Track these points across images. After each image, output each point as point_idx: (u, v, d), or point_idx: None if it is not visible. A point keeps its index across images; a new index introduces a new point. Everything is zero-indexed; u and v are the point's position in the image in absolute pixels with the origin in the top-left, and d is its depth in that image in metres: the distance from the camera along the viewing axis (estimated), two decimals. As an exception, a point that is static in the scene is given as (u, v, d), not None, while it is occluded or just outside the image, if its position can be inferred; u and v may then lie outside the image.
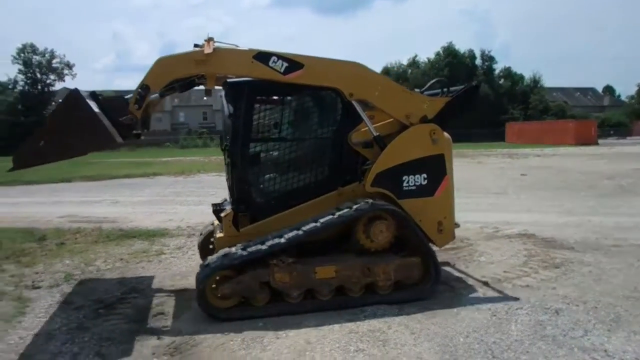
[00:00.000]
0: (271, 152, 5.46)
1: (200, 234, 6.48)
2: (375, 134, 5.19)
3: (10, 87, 57.57)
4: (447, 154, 5.32)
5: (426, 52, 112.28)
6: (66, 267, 6.66)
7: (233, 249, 4.72)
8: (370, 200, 4.90)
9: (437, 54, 66.71)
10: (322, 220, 4.80)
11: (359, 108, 5.17)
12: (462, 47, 71.36)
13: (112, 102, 5.03)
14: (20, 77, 57.72)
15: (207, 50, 4.78)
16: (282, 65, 4.91)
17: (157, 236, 8.46)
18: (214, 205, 5.93)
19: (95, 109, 4.62)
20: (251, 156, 5.25)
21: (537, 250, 6.83)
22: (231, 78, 5.27)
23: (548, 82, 72.84)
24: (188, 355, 3.95)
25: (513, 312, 4.60)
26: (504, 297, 4.99)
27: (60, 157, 4.87)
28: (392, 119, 5.29)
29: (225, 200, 5.91)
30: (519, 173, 17.58)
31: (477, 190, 13.50)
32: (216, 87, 5.40)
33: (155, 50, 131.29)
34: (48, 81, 59.22)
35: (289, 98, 5.33)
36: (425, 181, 5.17)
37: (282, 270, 4.69)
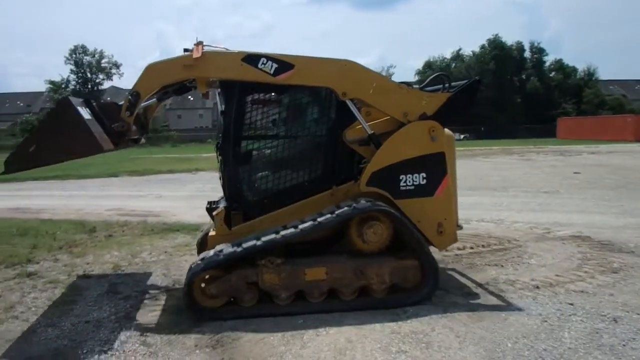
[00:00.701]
0: (263, 150, 5.40)
1: (201, 231, 6.45)
2: (369, 132, 5.04)
3: (63, 86, 60.74)
4: (448, 152, 5.12)
5: (471, 45, 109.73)
6: (114, 258, 6.94)
7: (211, 251, 4.67)
8: (353, 204, 4.69)
9: (483, 47, 65.18)
10: (302, 226, 4.63)
11: (352, 106, 5.03)
12: (509, 39, 69.32)
13: (106, 108, 5.10)
14: (72, 76, 61.08)
15: (196, 54, 4.78)
16: (272, 66, 4.84)
17: (198, 230, 8.63)
18: (209, 203, 5.94)
19: (87, 116, 4.71)
20: (243, 154, 5.22)
21: (593, 253, 6.52)
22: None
23: (604, 74, 69.73)
24: (230, 349, 4.01)
25: (566, 318, 4.41)
26: (557, 302, 4.79)
27: (49, 162, 5.00)
28: (389, 117, 5.16)
29: (222, 198, 5.84)
30: (571, 171, 16.91)
31: (525, 188, 13.08)
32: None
33: None
34: (97, 80, 62.22)
35: (281, 95, 5.26)
36: (424, 181, 4.98)
37: (270, 271, 4.62)
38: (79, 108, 4.60)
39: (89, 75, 60.67)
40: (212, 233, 5.24)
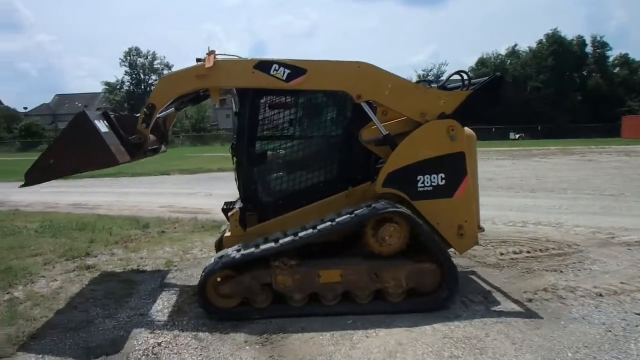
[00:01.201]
0: (278, 151, 5.39)
1: (220, 232, 6.51)
2: (384, 132, 4.95)
3: (118, 87, 63.82)
4: (469, 152, 4.97)
5: (527, 41, 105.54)
6: (167, 254, 7.19)
7: (228, 250, 4.73)
8: (372, 204, 4.63)
9: (540, 42, 62.76)
10: (320, 227, 4.59)
11: (367, 108, 4.97)
12: (569, 33, 66.37)
13: (124, 120, 5.27)
14: (127, 78, 64.05)
15: (208, 64, 4.83)
16: (284, 72, 4.83)
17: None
18: (226, 203, 6.00)
19: (104, 128, 4.87)
20: (257, 155, 5.24)
21: (662, 260, 6.17)
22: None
23: (677, 69, 65.12)
24: (279, 347, 4.07)
25: (632, 328, 4.19)
26: (622, 312, 4.56)
27: (66, 174, 5.21)
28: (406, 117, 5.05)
29: (238, 199, 5.85)
30: (638, 172, 16.04)
31: (587, 191, 12.52)
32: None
33: (244, 47, 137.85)
34: (150, 81, 64.84)
35: (296, 95, 5.21)
36: (443, 181, 4.85)
37: (284, 273, 4.61)
38: (96, 121, 4.78)
39: (142, 76, 63.52)
40: (227, 234, 5.33)
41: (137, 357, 3.94)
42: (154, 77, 64.68)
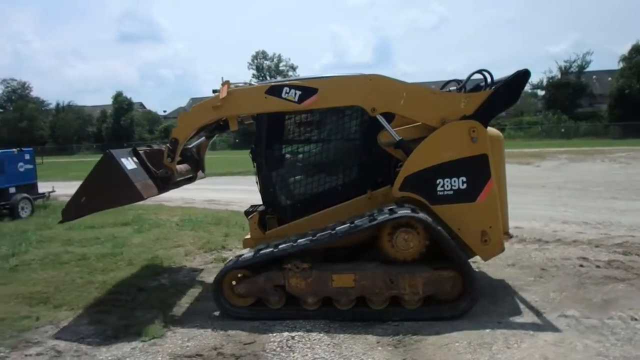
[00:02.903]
0: (296, 154, 5.47)
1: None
2: (397, 138, 4.97)
3: None
4: (494, 154, 4.86)
5: None
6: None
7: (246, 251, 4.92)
8: (390, 208, 4.62)
9: None
10: (323, 234, 4.69)
11: (382, 120, 5.00)
12: None
13: (153, 155, 5.66)
14: (254, 80, 68.57)
15: (222, 94, 5.04)
16: (295, 94, 4.97)
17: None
18: (251, 206, 6.15)
19: (132, 165, 5.26)
20: (275, 158, 5.37)
21: None
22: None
23: None
24: (412, 350, 4.09)
25: None
26: None
27: (98, 210, 5.73)
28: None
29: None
30: None
31: None
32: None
33: (369, 46, 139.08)
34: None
35: None
36: (465, 185, 4.78)
37: (297, 276, 4.69)
38: (123, 159, 5.23)
39: (268, 78, 67.37)
40: (247, 236, 5.59)
41: (272, 348, 4.25)
42: (279, 78, 68.61)
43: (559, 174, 16.91)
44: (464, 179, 4.81)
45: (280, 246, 4.79)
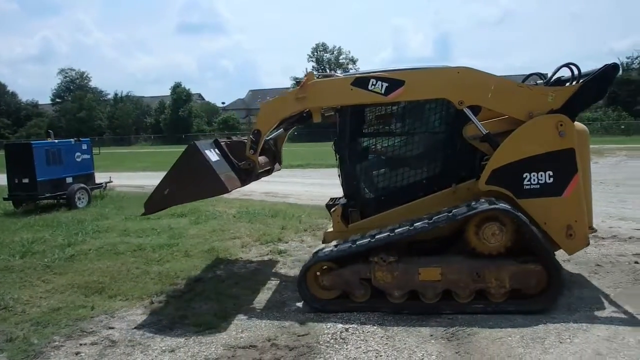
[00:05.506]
0: (380, 147, 5.61)
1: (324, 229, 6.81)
2: (484, 132, 5.12)
3: None
4: (580, 148, 5.02)
5: None
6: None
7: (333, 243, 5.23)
8: (471, 203, 4.84)
9: None
10: (415, 226, 4.88)
11: (469, 113, 5.16)
12: None
13: (234, 147, 5.81)
14: (315, 73, 70.01)
15: (305, 86, 5.21)
16: (382, 86, 5.12)
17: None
18: (331, 199, 6.34)
19: (215, 157, 5.38)
20: (359, 151, 5.53)
21: None
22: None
23: None
24: (465, 343, 4.34)
25: None
26: None
27: (181, 202, 6.00)
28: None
29: (343, 196, 6.16)
30: None
31: None
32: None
33: (429, 40, 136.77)
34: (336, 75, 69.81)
35: None
36: (551, 179, 4.96)
37: (383, 269, 4.89)
38: (207, 151, 5.38)
39: (327, 71, 68.52)
40: (329, 229, 5.80)
41: (326, 340, 4.55)
42: (339, 71, 69.31)
43: (617, 171, 17.12)
44: (551, 173, 5.02)
45: (377, 236, 5.03)
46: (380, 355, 4.25)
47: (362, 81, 5.32)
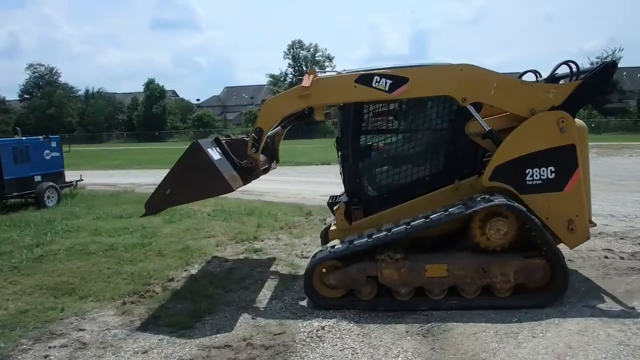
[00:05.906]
0: (383, 145, 5.69)
1: (324, 224, 7.01)
2: (487, 128, 5.21)
3: (281, 79, 70.40)
4: (580, 145, 5.14)
5: None
6: (328, 242, 8.03)
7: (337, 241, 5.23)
8: (477, 199, 4.94)
9: None
10: (417, 222, 4.96)
11: (472, 109, 5.25)
12: None
13: (235, 145, 5.78)
14: (290, 70, 70.02)
15: (307, 83, 5.22)
16: (386, 83, 5.20)
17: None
18: (332, 197, 6.39)
19: (217, 156, 5.33)
20: (362, 149, 5.60)
21: None
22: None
23: None
24: (440, 339, 4.40)
25: None
26: None
27: (183, 202, 5.95)
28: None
29: (344, 193, 6.22)
30: None
31: None
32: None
33: (405, 38, 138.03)
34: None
35: None
36: (553, 175, 5.10)
37: (390, 266, 4.96)
38: (209, 150, 5.32)
39: (304, 68, 68.62)
40: (332, 227, 5.84)
41: (302, 338, 4.56)
42: (316, 68, 69.36)
43: (587, 168, 17.20)
44: (552, 168, 5.15)
45: (394, 230, 5.05)
46: (357, 353, 4.28)
47: (366, 78, 5.36)
